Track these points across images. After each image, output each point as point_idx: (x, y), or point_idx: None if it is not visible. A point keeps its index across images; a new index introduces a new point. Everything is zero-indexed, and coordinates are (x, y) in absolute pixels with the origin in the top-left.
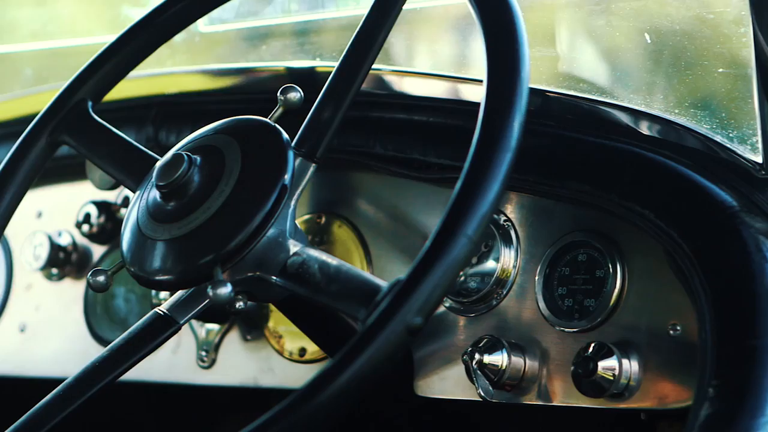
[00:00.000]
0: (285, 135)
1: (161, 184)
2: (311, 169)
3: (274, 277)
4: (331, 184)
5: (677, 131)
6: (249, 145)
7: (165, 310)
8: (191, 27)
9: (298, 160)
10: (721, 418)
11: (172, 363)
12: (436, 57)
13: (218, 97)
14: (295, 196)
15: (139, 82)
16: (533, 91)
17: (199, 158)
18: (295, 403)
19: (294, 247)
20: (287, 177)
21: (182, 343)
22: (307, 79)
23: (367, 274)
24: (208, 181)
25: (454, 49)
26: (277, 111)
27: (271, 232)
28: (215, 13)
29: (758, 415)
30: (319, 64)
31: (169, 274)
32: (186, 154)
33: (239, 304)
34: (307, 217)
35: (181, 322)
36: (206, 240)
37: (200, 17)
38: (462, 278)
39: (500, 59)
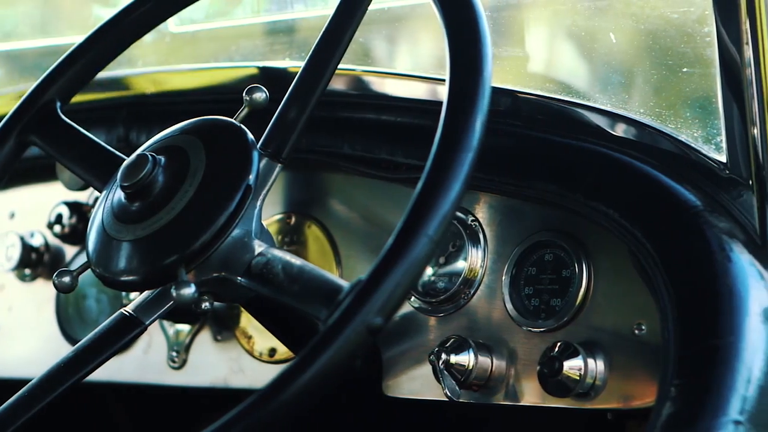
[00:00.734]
0: (250, 135)
1: (125, 184)
2: (277, 170)
3: (239, 278)
4: (301, 185)
5: (643, 131)
6: (214, 146)
7: (130, 311)
8: (162, 27)
9: (264, 161)
10: (683, 417)
11: (143, 363)
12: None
13: (188, 97)
14: (261, 197)
15: (111, 82)
16: (501, 91)
17: (163, 159)
18: (257, 402)
19: (259, 247)
20: (251, 177)
21: (153, 343)
22: (277, 79)
23: (329, 274)
24: (172, 182)
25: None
26: (243, 111)
27: (236, 232)
28: (185, 13)
29: (720, 415)
30: (289, 64)
31: (134, 275)
32: (150, 155)
33: (205, 305)
34: (277, 217)
35: (147, 322)
36: (170, 240)
37: (169, 17)
38: (431, 278)
39: (463, 59)
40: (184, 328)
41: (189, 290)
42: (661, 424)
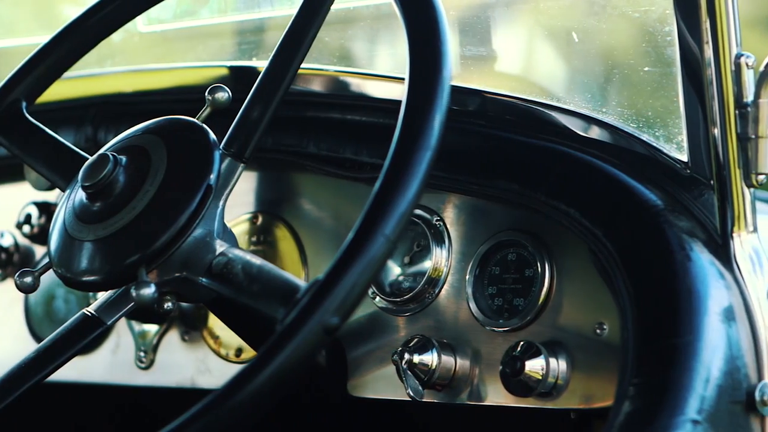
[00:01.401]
0: (212, 135)
1: (86, 184)
2: (239, 169)
3: (201, 278)
4: (268, 185)
5: (605, 130)
6: (175, 145)
7: (93, 311)
8: (130, 27)
9: (226, 160)
10: (641, 416)
11: (111, 364)
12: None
13: (156, 97)
14: (224, 196)
15: (79, 82)
16: (466, 91)
17: (124, 158)
18: (213, 403)
19: (220, 247)
20: (212, 177)
21: (121, 343)
22: (246, 78)
23: (288, 274)
24: (133, 182)
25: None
26: (205, 111)
27: (197, 232)
28: (154, 12)
29: (677, 414)
30: (255, 63)
31: (95, 275)
32: (111, 155)
33: (168, 305)
34: (243, 217)
35: (109, 323)
36: (131, 240)
37: (135, 17)
38: (397, 278)
39: (422, 58)
40: (152, 328)
41: (149, 290)
42: (619, 423)
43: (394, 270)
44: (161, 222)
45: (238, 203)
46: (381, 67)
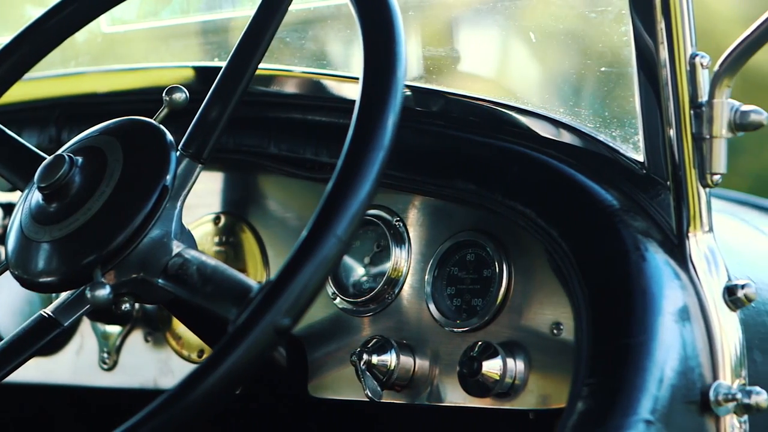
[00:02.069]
0: (169, 136)
1: (42, 185)
2: (197, 170)
3: (157, 279)
4: (231, 186)
5: (562, 130)
6: (131, 146)
7: (50, 312)
8: (94, 28)
9: (184, 161)
10: (594, 416)
11: (75, 365)
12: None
13: (120, 98)
14: (181, 197)
15: (43, 83)
16: (427, 92)
17: (81, 159)
18: (164, 404)
19: (177, 248)
20: (168, 178)
21: (85, 345)
22: (207, 79)
23: (241, 275)
24: (89, 182)
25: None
26: (162, 111)
27: (154, 233)
28: (117, 13)
29: (630, 414)
30: (217, 64)
31: (51, 276)
32: (68, 155)
33: (125, 306)
34: (206, 218)
35: (66, 324)
36: (87, 241)
37: (96, 18)
38: (359, 279)
39: (376, 58)
40: (115, 329)
41: (103, 291)
42: (571, 423)
43: (355, 271)
44: (116, 223)
45: (201, 204)
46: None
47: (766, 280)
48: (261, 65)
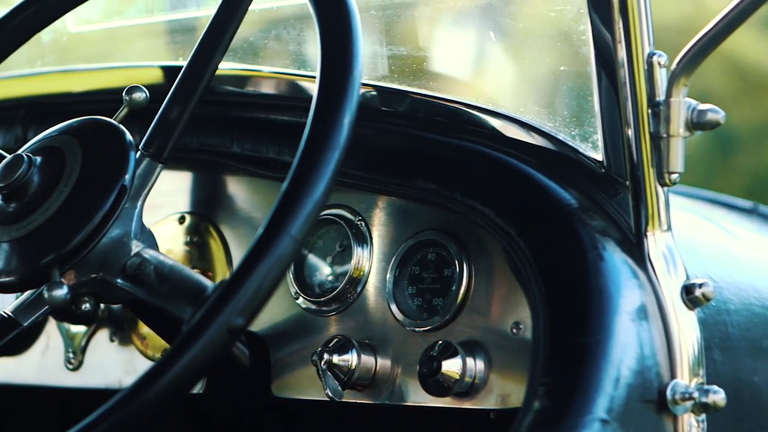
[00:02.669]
0: (128, 135)
1: (1, 185)
2: (158, 170)
3: (116, 279)
4: (196, 185)
5: (522, 129)
6: (91, 146)
7: (9, 313)
8: (59, 27)
9: (145, 161)
10: (549, 416)
11: (41, 365)
12: None
13: (85, 97)
14: (142, 197)
15: (9, 82)
16: (389, 91)
17: (39, 159)
18: (119, 404)
19: (136, 248)
20: (127, 177)
21: (51, 345)
22: (171, 78)
23: (197, 275)
24: (47, 182)
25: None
26: (122, 111)
27: (114, 233)
28: (83, 13)
29: (585, 413)
30: (179, 63)
31: (10, 276)
32: (26, 155)
33: (85, 306)
34: (171, 218)
35: (25, 324)
36: (45, 241)
37: (60, 17)
38: (322, 279)
39: (333, 57)
40: (81, 329)
41: (61, 291)
42: (527, 423)
43: (318, 270)
44: (75, 223)
45: (166, 204)
46: None
47: (727, 278)
48: (224, 65)
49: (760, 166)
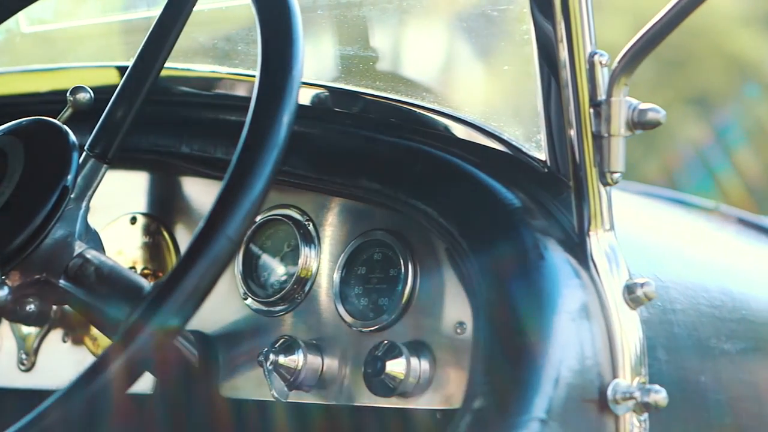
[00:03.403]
0: (72, 136)
1: None
2: (103, 170)
3: (59, 280)
4: (146, 186)
5: (467, 129)
6: (34, 147)
7: None
8: (12, 27)
9: (90, 162)
10: (488, 415)
11: None
12: None
13: (32, 98)
14: (86, 198)
15: None
16: (334, 91)
17: None
18: (54, 405)
19: (80, 248)
20: (69, 178)
21: (4, 346)
22: (117, 79)
23: (136, 276)
24: None
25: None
26: (66, 112)
27: (58, 233)
28: (35, 13)
29: (523, 413)
30: (125, 64)
31: None
32: None
33: (30, 307)
34: (122, 219)
35: None
36: None
37: (8, 18)
38: (271, 279)
39: (272, 57)
40: (34, 330)
41: (2, 293)
42: (465, 423)
43: (266, 270)
44: (16, 223)
45: (117, 204)
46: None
47: (675, 278)
48: (173, 65)
49: None
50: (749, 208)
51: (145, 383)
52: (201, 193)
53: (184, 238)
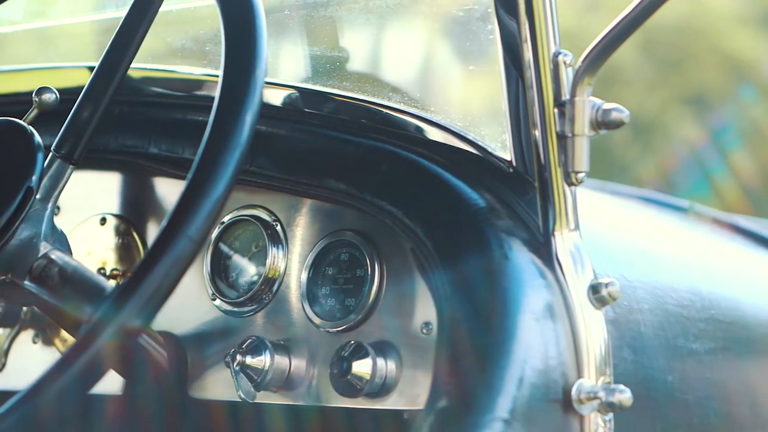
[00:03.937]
0: (37, 137)
1: None
2: (69, 171)
3: (24, 281)
4: (117, 187)
5: (433, 129)
6: None
7: None
8: None
9: (56, 162)
10: (451, 416)
11: None
12: None
13: (2, 99)
14: (52, 199)
15: None
16: (302, 92)
17: None
18: (14, 407)
19: (45, 249)
20: (34, 179)
21: None
22: (82, 79)
23: (99, 277)
24: None
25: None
26: (32, 112)
27: (23, 234)
28: (4, 14)
29: (486, 413)
30: (91, 64)
31: None
32: None
33: None
34: (91, 220)
35: None
36: None
37: None
38: (240, 279)
39: (236, 57)
40: (3, 331)
41: None
42: (429, 423)
43: (234, 271)
44: None
45: (87, 205)
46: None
47: (642, 278)
48: (141, 65)
49: None
50: (745, 209)
51: (113, 384)
52: (170, 193)
53: (152, 238)
